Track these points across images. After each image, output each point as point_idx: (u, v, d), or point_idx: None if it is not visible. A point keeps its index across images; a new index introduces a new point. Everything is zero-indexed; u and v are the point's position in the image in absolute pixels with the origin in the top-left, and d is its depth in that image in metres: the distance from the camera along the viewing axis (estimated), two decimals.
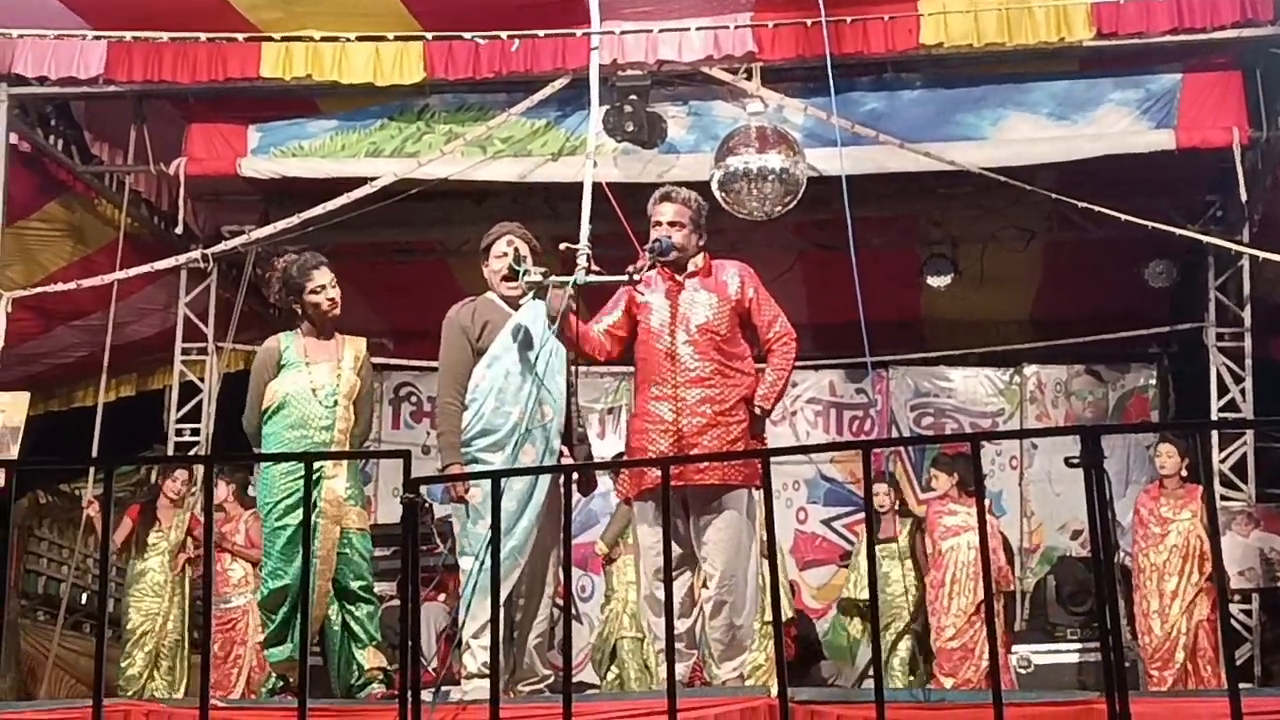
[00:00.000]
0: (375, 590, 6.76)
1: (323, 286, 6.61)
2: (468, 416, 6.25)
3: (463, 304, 6.46)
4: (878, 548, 9.59)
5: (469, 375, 6.27)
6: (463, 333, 6.33)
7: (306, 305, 6.62)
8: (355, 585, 6.51)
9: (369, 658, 6.43)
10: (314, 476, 6.19)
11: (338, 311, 6.68)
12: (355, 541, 6.52)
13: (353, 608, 6.50)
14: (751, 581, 6.16)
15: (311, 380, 6.54)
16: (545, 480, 6.13)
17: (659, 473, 6.02)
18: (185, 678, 9.69)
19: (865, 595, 9.84)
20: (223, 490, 10.04)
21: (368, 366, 6.80)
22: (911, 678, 9.91)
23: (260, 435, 6.59)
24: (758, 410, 6.21)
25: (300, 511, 6.17)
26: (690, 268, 6.36)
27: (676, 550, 6.16)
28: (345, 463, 6.54)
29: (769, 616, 9.69)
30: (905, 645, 10.08)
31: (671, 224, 6.32)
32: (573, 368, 6.45)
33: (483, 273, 6.55)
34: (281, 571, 6.37)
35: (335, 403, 6.55)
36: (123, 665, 9.59)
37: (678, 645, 6.10)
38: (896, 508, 9.95)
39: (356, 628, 6.48)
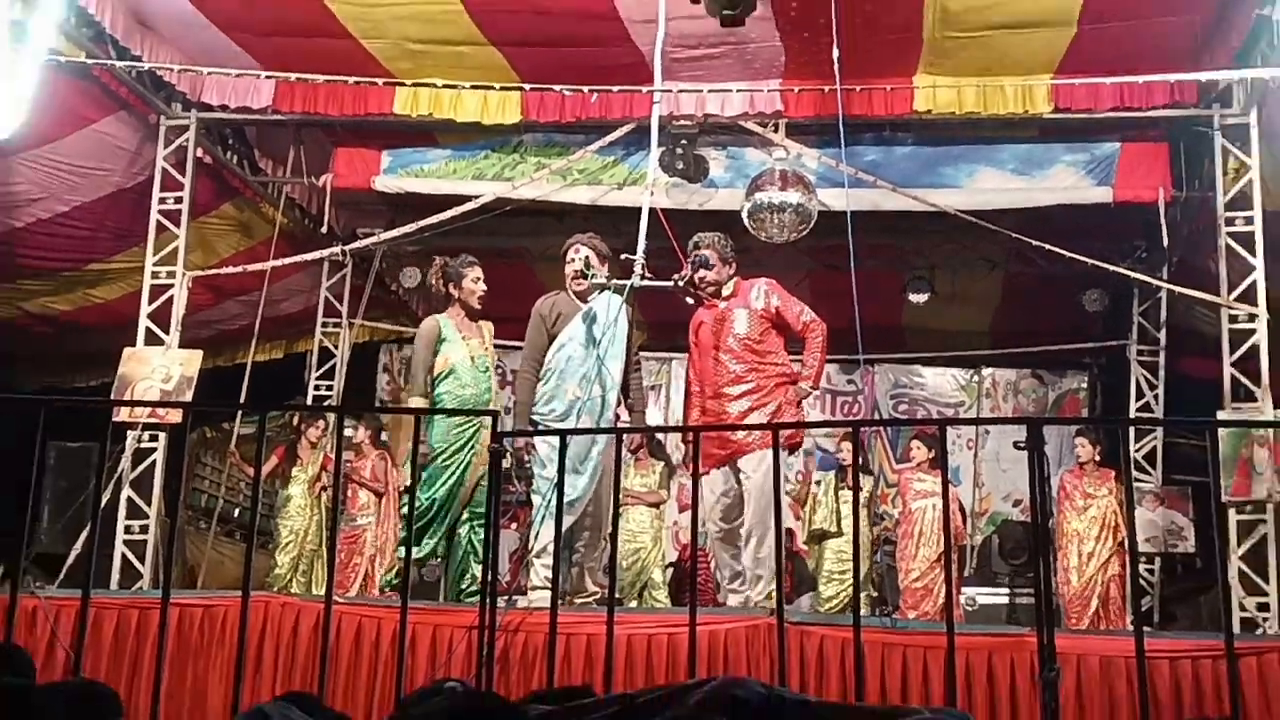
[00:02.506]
0: None
1: (479, 279, 6.77)
2: (540, 388, 6.33)
3: (546, 297, 6.56)
4: (845, 494, 9.63)
5: (544, 354, 6.37)
6: (541, 320, 6.43)
7: (465, 291, 6.74)
8: (482, 512, 6.51)
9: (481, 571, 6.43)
10: (477, 430, 6.45)
11: (482, 305, 6.82)
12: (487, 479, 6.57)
13: (478, 527, 6.47)
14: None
15: (470, 352, 6.63)
16: (600, 444, 6.16)
17: (717, 452, 6.34)
18: (317, 578, 9.79)
19: (831, 529, 9.81)
20: (361, 433, 10.12)
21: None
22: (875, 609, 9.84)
23: (427, 392, 6.58)
24: (807, 389, 6.43)
25: (463, 453, 6.40)
26: (725, 292, 6.56)
27: (736, 499, 6.37)
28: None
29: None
30: (868, 583, 10.01)
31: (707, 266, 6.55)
32: (635, 349, 6.54)
33: (558, 274, 6.63)
34: (435, 494, 6.44)
35: (487, 369, 6.66)
36: (276, 563, 9.70)
37: (735, 583, 6.41)
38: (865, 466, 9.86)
39: (478, 546, 6.44)
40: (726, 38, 8.24)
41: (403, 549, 6.46)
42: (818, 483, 10.58)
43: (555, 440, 5.39)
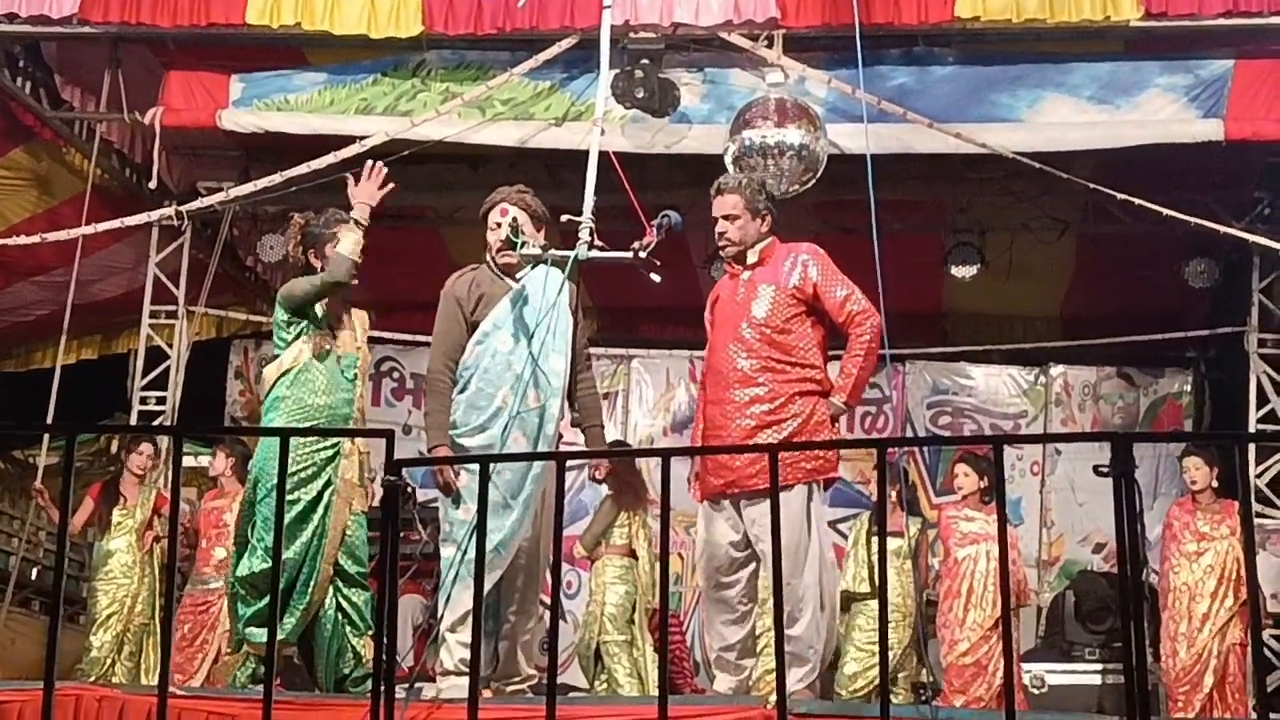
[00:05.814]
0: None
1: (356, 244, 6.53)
2: (457, 396, 6.25)
3: (461, 273, 6.47)
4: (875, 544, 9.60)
5: (461, 350, 6.29)
6: (457, 304, 6.32)
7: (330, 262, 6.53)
8: (354, 570, 6.46)
9: (367, 647, 6.35)
10: (334, 454, 6.34)
11: (357, 280, 6.54)
12: (357, 524, 6.50)
13: (350, 593, 6.45)
14: (811, 589, 6.07)
15: (336, 346, 6.53)
16: (536, 469, 6.11)
17: (712, 480, 6.23)
18: (149, 664, 9.68)
19: (863, 589, 9.84)
20: (220, 463, 10.01)
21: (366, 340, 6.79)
22: (919, 693, 9.89)
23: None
24: (840, 405, 6.23)
25: (313, 486, 6.29)
26: (751, 258, 6.39)
27: (740, 552, 6.23)
28: (358, 444, 6.52)
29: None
30: (910, 660, 10.07)
31: (726, 218, 6.37)
32: (583, 342, 6.51)
33: (475, 243, 6.58)
34: (288, 551, 6.18)
35: (354, 376, 6.54)
36: (91, 645, 9.57)
37: (728, 655, 6.26)
38: (901, 501, 9.83)
39: (354, 614, 6.43)
40: None
41: (251, 630, 6.43)
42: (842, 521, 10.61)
43: (475, 469, 5.35)
